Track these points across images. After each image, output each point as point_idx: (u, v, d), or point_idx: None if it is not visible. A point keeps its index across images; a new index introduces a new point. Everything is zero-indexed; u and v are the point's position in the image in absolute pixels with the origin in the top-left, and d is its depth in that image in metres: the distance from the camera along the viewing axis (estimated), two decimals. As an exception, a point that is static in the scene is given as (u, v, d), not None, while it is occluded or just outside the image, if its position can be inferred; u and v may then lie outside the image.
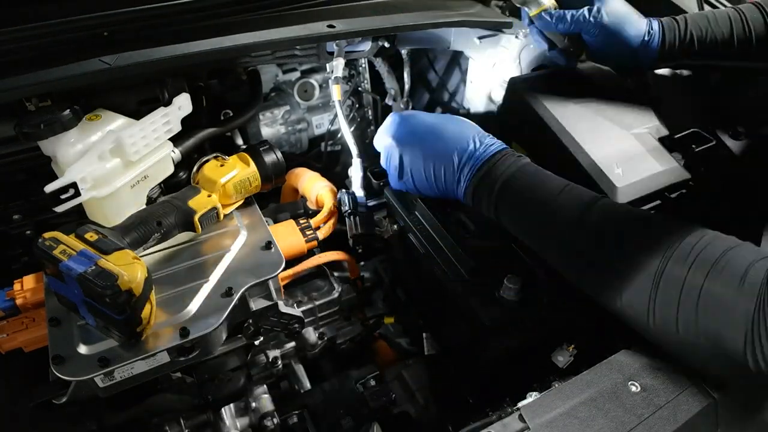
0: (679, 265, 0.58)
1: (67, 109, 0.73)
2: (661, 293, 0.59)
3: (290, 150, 1.28)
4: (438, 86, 1.36)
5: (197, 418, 0.86)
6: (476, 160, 0.76)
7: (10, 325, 0.76)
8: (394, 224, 0.99)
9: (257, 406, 0.90)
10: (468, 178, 0.76)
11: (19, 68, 0.71)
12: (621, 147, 0.87)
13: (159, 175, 0.83)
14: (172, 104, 0.81)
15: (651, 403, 0.61)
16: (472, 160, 0.76)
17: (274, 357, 0.94)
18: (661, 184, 0.85)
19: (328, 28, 0.87)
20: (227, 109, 1.03)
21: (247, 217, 0.87)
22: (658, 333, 0.62)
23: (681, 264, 0.58)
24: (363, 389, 0.90)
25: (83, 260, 0.62)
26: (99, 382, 0.66)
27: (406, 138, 0.82)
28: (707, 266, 0.57)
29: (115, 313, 0.62)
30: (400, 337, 1.05)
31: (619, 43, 0.88)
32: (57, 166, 0.76)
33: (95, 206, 0.77)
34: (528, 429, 0.59)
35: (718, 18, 0.86)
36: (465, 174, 0.77)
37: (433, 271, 0.87)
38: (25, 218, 0.90)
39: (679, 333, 0.58)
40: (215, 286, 0.75)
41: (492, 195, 0.74)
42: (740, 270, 0.55)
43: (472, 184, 0.76)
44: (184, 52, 0.77)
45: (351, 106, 1.36)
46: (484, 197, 0.75)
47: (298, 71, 1.25)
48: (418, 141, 0.81)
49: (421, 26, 0.96)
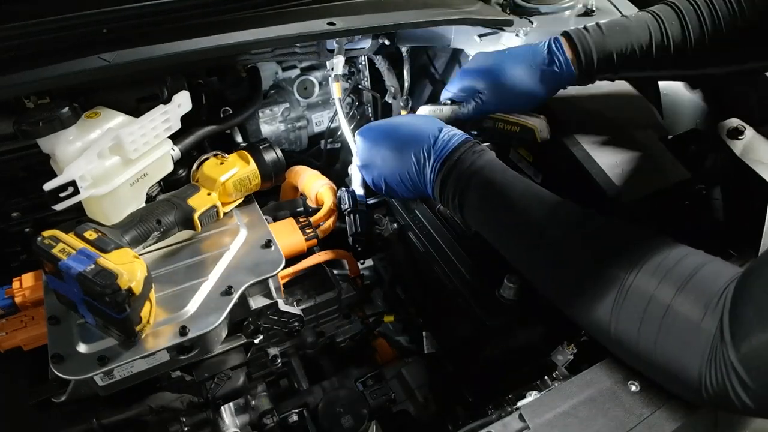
0: (648, 277, 0.56)
1: (66, 107, 0.72)
2: (625, 304, 0.57)
3: (290, 148, 1.27)
4: (438, 84, 1.36)
5: (197, 416, 0.86)
6: (436, 157, 0.74)
7: (9, 323, 0.76)
8: (394, 223, 0.99)
9: (257, 404, 0.90)
10: (432, 175, 0.75)
11: (17, 65, 0.71)
12: (622, 146, 0.87)
13: (158, 173, 0.83)
14: (172, 102, 0.81)
15: (651, 403, 0.61)
16: (432, 158, 0.74)
17: (274, 355, 0.94)
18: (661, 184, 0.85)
19: (328, 25, 0.86)
20: (227, 107, 1.02)
21: (246, 216, 0.87)
22: (618, 345, 0.59)
23: (650, 277, 0.56)
24: (362, 388, 0.90)
25: (82, 259, 0.62)
26: (98, 381, 0.66)
27: (368, 152, 0.83)
28: (679, 282, 0.54)
29: (115, 312, 0.62)
30: (399, 336, 1.05)
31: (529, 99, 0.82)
32: (56, 164, 0.75)
33: (94, 204, 0.76)
34: (528, 428, 0.59)
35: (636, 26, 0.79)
36: (428, 172, 0.75)
37: (433, 270, 0.87)
38: (24, 216, 0.89)
39: (639, 348, 0.56)
40: (215, 285, 0.75)
41: (455, 198, 0.72)
42: (714, 290, 0.52)
43: (438, 183, 0.74)
44: (183, 50, 0.76)
45: (351, 104, 1.36)
46: (449, 199, 0.74)
47: (297, 68, 1.24)
48: (378, 150, 0.81)
49: (421, 24, 0.95)
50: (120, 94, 0.82)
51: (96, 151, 0.73)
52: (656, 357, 0.55)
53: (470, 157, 0.72)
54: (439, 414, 0.90)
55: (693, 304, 0.53)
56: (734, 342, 0.48)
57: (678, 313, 0.53)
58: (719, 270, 0.55)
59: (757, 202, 0.82)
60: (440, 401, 0.91)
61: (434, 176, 0.74)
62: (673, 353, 0.54)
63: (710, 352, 0.51)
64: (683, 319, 0.53)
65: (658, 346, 0.55)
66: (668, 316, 0.54)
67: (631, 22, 0.80)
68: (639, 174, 0.84)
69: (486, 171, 0.71)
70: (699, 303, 0.53)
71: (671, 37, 0.78)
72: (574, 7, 1.12)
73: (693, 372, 0.52)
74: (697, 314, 0.52)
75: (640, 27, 0.79)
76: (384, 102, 1.34)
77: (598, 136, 0.88)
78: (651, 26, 0.79)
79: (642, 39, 0.78)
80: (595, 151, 0.85)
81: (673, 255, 0.57)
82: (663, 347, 0.54)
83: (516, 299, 0.78)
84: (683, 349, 0.53)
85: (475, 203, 0.71)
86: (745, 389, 0.48)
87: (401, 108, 1.30)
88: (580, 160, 0.84)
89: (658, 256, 0.57)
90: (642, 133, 0.90)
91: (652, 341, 0.55)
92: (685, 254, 0.57)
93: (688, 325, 0.53)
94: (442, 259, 0.85)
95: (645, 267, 0.57)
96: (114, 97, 0.81)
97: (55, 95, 0.75)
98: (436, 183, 0.74)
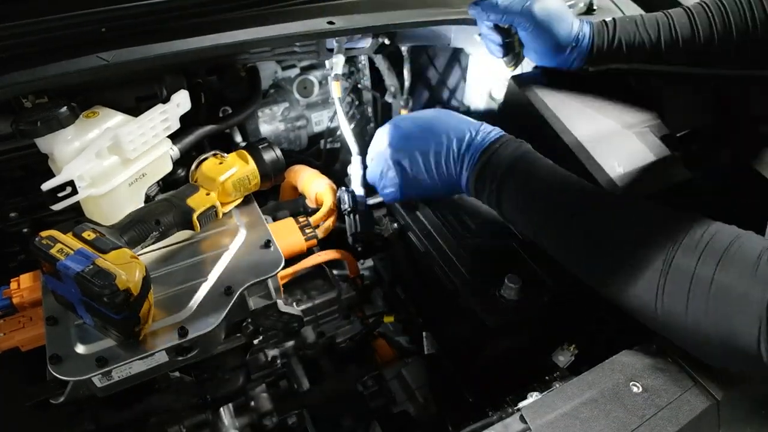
0: (688, 255, 0.58)
1: (64, 106, 0.72)
2: (669, 284, 0.59)
3: (289, 147, 1.27)
4: (438, 83, 1.35)
5: (196, 417, 0.86)
6: (476, 148, 0.76)
7: (7, 323, 0.76)
8: (394, 222, 0.99)
9: (256, 405, 0.90)
10: (470, 166, 0.77)
11: (15, 65, 0.70)
12: (622, 145, 0.87)
13: (157, 172, 0.83)
14: (171, 101, 0.80)
15: (653, 404, 0.61)
16: (472, 149, 0.77)
17: (273, 356, 0.94)
18: (662, 183, 0.85)
19: (327, 24, 0.86)
20: (226, 106, 1.02)
21: (246, 216, 0.86)
22: (666, 325, 0.61)
23: (690, 254, 0.58)
24: (362, 388, 0.90)
25: (81, 259, 0.61)
26: (97, 382, 0.66)
27: (401, 142, 0.83)
28: (717, 256, 0.57)
29: (113, 313, 0.61)
30: (399, 336, 1.05)
31: (549, 41, 0.87)
32: (54, 164, 0.75)
33: (93, 204, 0.76)
34: (529, 429, 0.59)
35: (646, 22, 0.86)
36: (466, 163, 0.77)
37: (433, 270, 0.87)
38: (22, 216, 0.89)
39: (688, 325, 0.58)
40: (214, 285, 0.74)
41: (493, 184, 0.74)
42: (751, 259, 0.55)
43: (474, 172, 0.76)
44: (182, 49, 0.76)
45: (351, 103, 1.35)
46: (486, 186, 0.75)
47: (297, 68, 1.24)
48: (415, 140, 0.81)
49: (421, 23, 0.95)
50: (118, 94, 0.82)
51: (94, 150, 0.72)
52: (709, 330, 0.57)
53: (511, 145, 0.76)
54: (439, 414, 0.90)
55: (736, 275, 0.55)
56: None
57: (723, 284, 0.55)
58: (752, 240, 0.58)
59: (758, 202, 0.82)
60: (440, 402, 0.91)
61: (473, 165, 0.77)
62: (725, 325, 0.55)
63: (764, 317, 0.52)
64: (730, 290, 0.55)
65: (710, 320, 0.56)
66: (714, 289, 0.56)
67: (641, 17, 0.87)
68: (639, 174, 0.84)
69: (525, 159, 0.74)
70: (742, 273, 0.55)
71: (680, 34, 0.83)
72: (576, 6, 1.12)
73: (750, 339, 0.53)
74: (743, 284, 0.54)
75: (649, 21, 0.85)
76: (384, 101, 1.33)
77: (598, 135, 0.87)
78: (660, 22, 0.84)
79: (651, 32, 0.84)
80: (595, 150, 0.84)
81: (708, 231, 0.59)
82: (715, 320, 0.56)
83: (516, 299, 0.78)
84: (735, 318, 0.55)
85: (513, 190, 0.73)
86: None
87: (401, 107, 1.30)
88: (581, 160, 0.84)
89: (694, 233, 0.59)
90: (642, 133, 0.90)
91: (702, 316, 0.57)
92: (717, 229, 0.59)
93: (736, 295, 0.54)
94: (443, 259, 0.85)
95: (683, 244, 0.59)
96: (112, 97, 0.81)
97: (54, 94, 0.75)
98: (473, 172, 0.77)
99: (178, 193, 0.80)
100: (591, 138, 0.86)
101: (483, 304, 0.78)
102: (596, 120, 0.90)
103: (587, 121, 0.89)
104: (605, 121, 0.90)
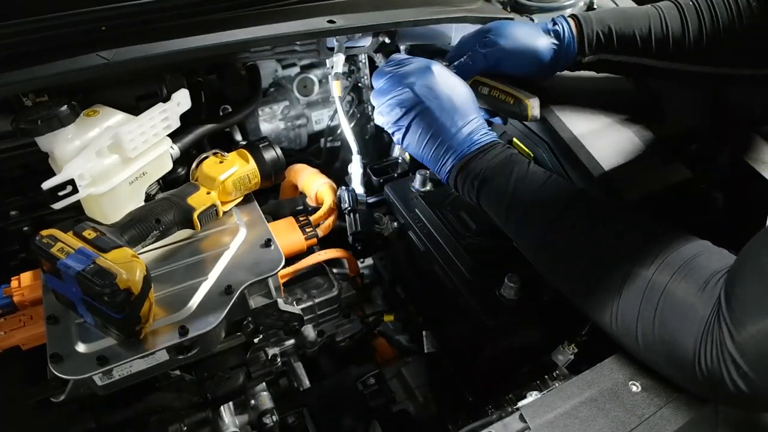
0: (648, 264, 0.59)
1: (65, 105, 0.72)
2: (626, 290, 0.59)
3: (289, 146, 1.27)
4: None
5: (196, 415, 0.86)
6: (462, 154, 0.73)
7: (8, 322, 0.76)
8: (394, 221, 0.99)
9: (256, 403, 0.90)
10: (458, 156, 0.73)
11: (16, 63, 0.70)
12: (622, 146, 0.87)
13: (157, 171, 0.83)
14: (171, 100, 0.80)
15: (652, 403, 0.61)
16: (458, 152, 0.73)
17: (274, 355, 0.94)
18: (662, 183, 0.85)
19: (328, 23, 0.86)
20: (226, 105, 1.02)
21: (246, 214, 0.87)
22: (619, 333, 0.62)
23: (650, 263, 0.59)
24: (362, 387, 0.90)
25: (81, 258, 0.61)
26: (97, 381, 0.66)
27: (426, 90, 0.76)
28: (675, 267, 0.57)
29: (114, 312, 0.61)
30: (399, 335, 1.05)
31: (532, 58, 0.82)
32: (54, 163, 0.75)
33: (93, 203, 0.76)
34: (528, 429, 0.59)
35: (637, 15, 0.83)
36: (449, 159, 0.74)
37: (433, 269, 0.87)
38: (23, 214, 0.89)
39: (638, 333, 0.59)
40: (214, 284, 0.75)
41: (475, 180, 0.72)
42: (704, 276, 0.56)
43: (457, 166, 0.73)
44: (182, 48, 0.76)
45: (351, 102, 1.35)
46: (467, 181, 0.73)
47: (297, 66, 1.24)
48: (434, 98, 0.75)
49: (421, 22, 0.95)
50: (119, 92, 0.82)
51: (95, 149, 0.72)
52: (654, 337, 0.58)
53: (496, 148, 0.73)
54: (438, 413, 0.90)
55: (688, 285, 0.56)
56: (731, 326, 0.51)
57: (674, 293, 0.56)
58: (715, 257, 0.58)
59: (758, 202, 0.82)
60: (440, 401, 0.91)
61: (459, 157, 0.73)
62: (669, 331, 0.56)
63: (705, 330, 0.53)
64: (679, 299, 0.56)
65: (656, 325, 0.57)
66: (665, 297, 0.57)
67: (631, 9, 0.85)
68: (639, 173, 0.84)
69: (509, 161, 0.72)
70: (694, 284, 0.56)
71: (670, 29, 0.81)
72: (576, 5, 1.12)
73: (688, 348, 0.54)
74: (692, 293, 0.55)
75: (639, 13, 0.84)
76: (384, 100, 1.33)
77: (598, 135, 0.87)
78: (651, 14, 0.83)
79: (641, 23, 0.82)
80: (595, 150, 0.84)
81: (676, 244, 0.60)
82: (660, 325, 0.57)
83: (516, 299, 0.78)
84: (679, 325, 0.55)
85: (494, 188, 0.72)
86: (738, 371, 0.50)
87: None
88: (581, 160, 0.84)
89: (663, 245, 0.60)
90: (642, 133, 0.90)
91: (650, 320, 0.57)
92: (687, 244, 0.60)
93: (684, 304, 0.55)
94: (443, 259, 0.85)
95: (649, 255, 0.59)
96: (113, 95, 0.81)
97: (54, 93, 0.75)
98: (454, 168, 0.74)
99: (178, 192, 0.80)
100: (592, 138, 0.86)
101: (483, 303, 0.79)
102: (597, 120, 0.90)
103: (588, 121, 0.89)
104: (606, 121, 0.90)
